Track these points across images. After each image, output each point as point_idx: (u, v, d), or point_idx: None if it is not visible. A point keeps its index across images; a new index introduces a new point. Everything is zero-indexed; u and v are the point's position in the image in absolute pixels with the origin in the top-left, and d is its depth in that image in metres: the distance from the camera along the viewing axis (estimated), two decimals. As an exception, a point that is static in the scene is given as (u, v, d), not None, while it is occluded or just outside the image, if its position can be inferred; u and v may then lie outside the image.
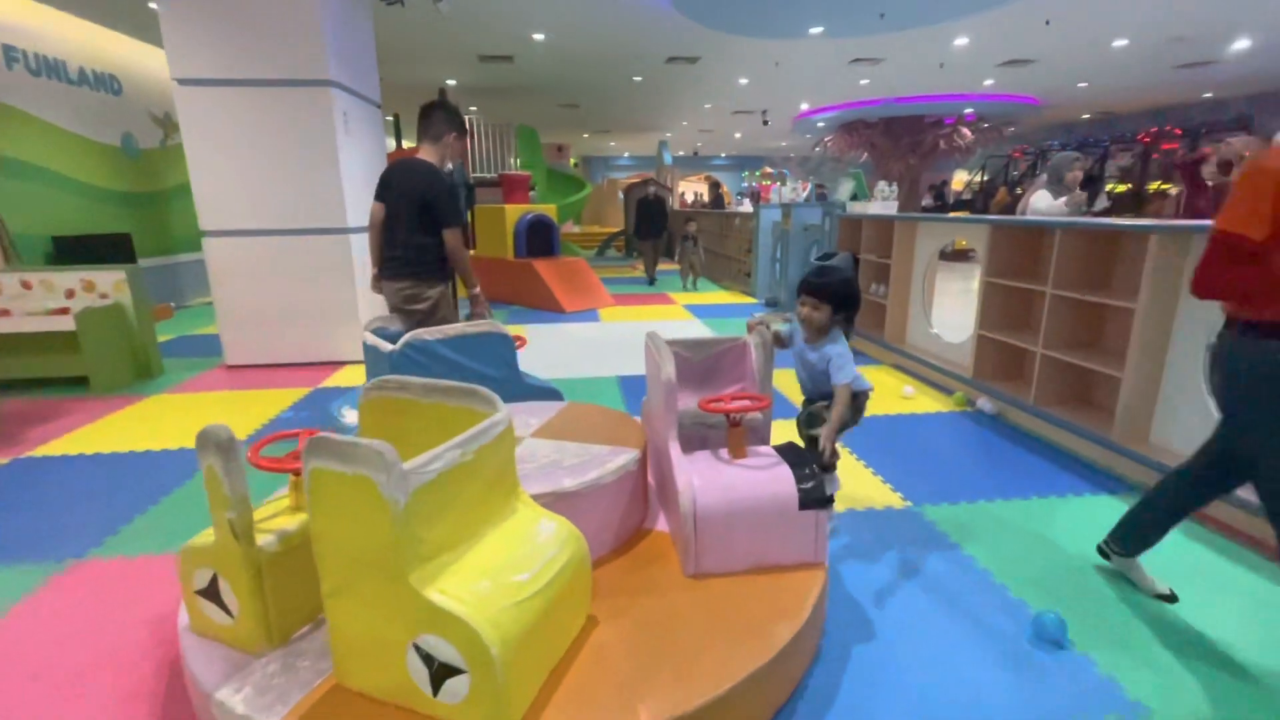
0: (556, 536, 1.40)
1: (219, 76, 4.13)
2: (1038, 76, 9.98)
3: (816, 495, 1.64)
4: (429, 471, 1.18)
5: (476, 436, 1.31)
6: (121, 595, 1.91)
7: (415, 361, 2.32)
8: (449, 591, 1.15)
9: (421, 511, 1.16)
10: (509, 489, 1.46)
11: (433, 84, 9.42)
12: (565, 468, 1.73)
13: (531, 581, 1.26)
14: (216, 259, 4.41)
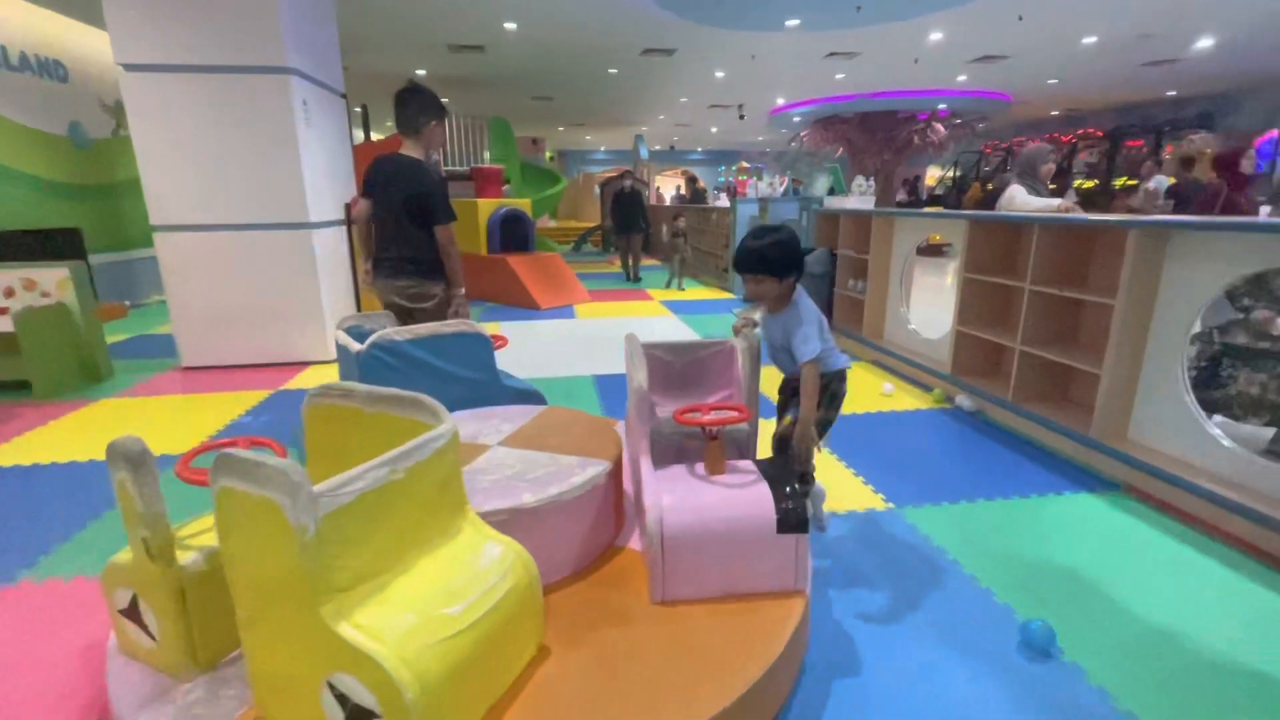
0: (500, 562, 1.27)
1: (168, 62, 3.91)
2: (1009, 73, 10.08)
3: (797, 518, 1.50)
4: (347, 493, 1.07)
5: (410, 453, 1.19)
6: (51, 623, 1.76)
7: (384, 363, 2.19)
8: (365, 627, 1.03)
9: (338, 537, 1.05)
10: (452, 508, 1.33)
11: (401, 74, 9.14)
12: (528, 480, 1.61)
13: (464, 614, 1.13)
14: (169, 255, 4.19)
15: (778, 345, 1.91)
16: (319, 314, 4.44)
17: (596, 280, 8.87)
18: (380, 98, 11.90)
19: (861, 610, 1.79)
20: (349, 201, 4.86)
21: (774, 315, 1.89)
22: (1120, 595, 1.87)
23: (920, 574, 1.97)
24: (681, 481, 1.61)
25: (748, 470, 1.66)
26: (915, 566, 2.01)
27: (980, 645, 1.66)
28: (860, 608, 1.81)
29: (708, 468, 1.66)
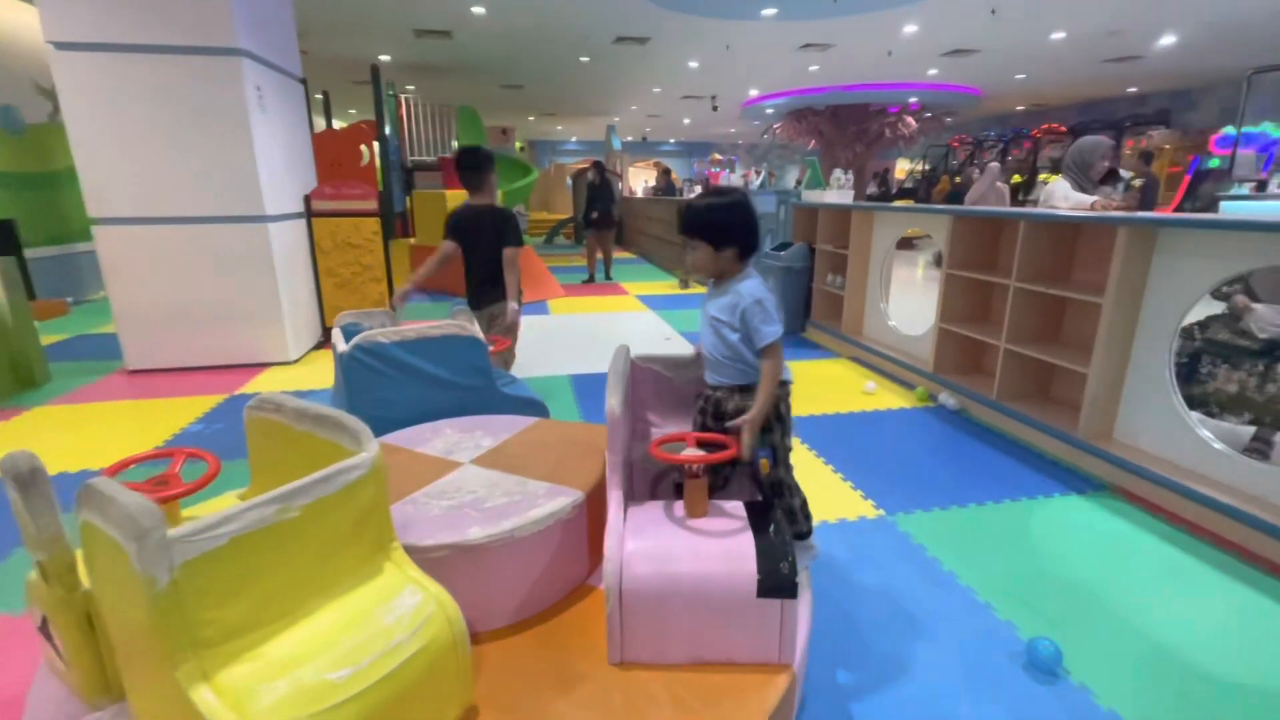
0: (415, 614, 1.09)
1: (105, 40, 3.60)
2: (979, 67, 10.17)
3: (782, 580, 1.24)
4: (214, 537, 0.93)
5: (309, 488, 1.05)
6: (-35, 671, 1.56)
7: (367, 366, 2.02)
8: (227, 692, 0.90)
9: (201, 588, 0.92)
10: (372, 545, 1.17)
11: (364, 59, 8.79)
12: (484, 510, 1.44)
13: (352, 680, 0.97)
14: (110, 250, 3.89)
15: (720, 321, 1.55)
16: (277, 312, 4.19)
17: (571, 274, 8.68)
18: (342, 84, 11.48)
19: (860, 631, 1.71)
20: (309, 194, 4.61)
21: (717, 285, 1.59)
22: (1120, 607, 1.82)
23: (917, 589, 1.89)
24: (653, 524, 1.37)
25: (734, 515, 1.40)
26: (912, 581, 1.93)
27: (985, 667, 1.58)
28: (858, 628, 1.72)
29: (687, 509, 1.40)
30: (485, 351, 2.18)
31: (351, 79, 10.69)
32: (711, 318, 1.56)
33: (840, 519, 2.29)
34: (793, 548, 1.30)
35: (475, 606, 1.37)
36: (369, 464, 1.13)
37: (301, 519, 1.04)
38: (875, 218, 4.40)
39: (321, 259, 4.70)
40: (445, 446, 1.80)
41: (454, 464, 1.68)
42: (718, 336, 1.55)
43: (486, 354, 2.19)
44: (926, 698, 1.48)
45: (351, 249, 4.76)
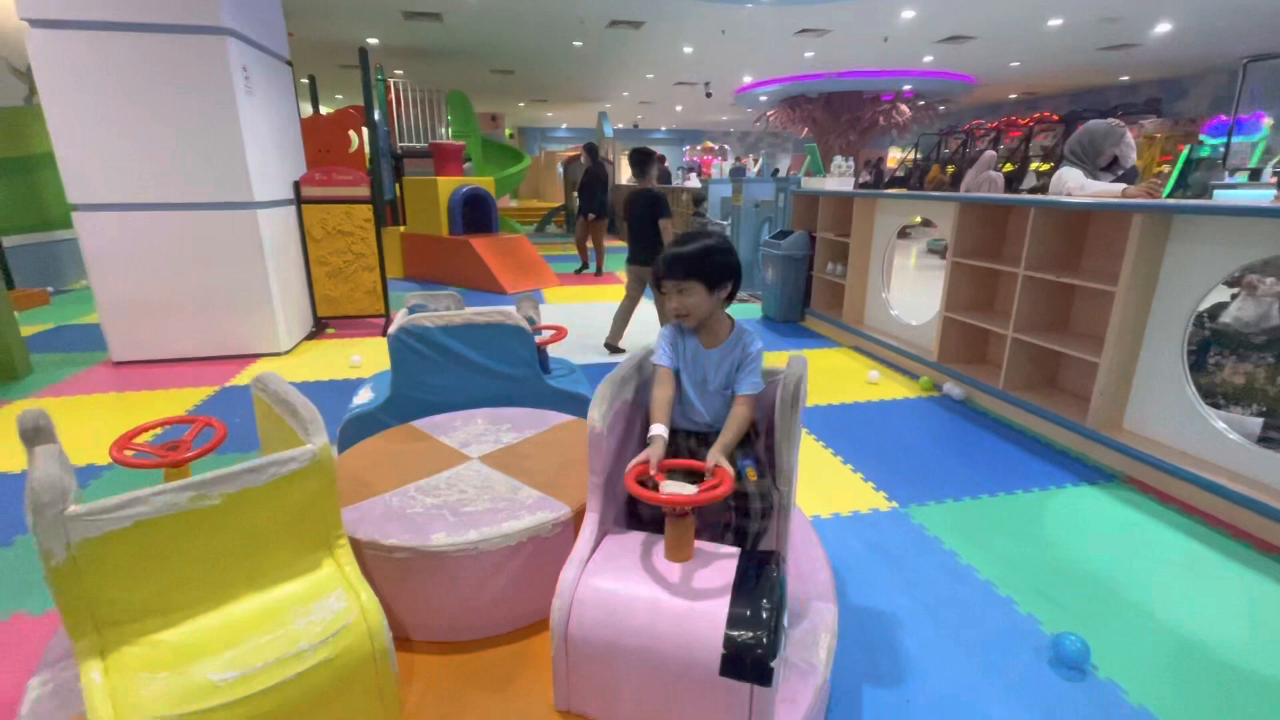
0: (331, 622, 1.03)
1: (84, 17, 3.45)
2: (974, 54, 10.11)
3: (752, 659, 1.01)
4: (118, 518, 0.94)
5: (235, 476, 1.03)
6: (-51, 680, 1.48)
7: (412, 349, 2.01)
8: (109, 674, 0.91)
9: (101, 568, 0.94)
10: (312, 541, 1.14)
11: (351, 42, 8.57)
12: (459, 514, 1.37)
13: (237, 684, 0.92)
14: (92, 238, 3.75)
15: (712, 386, 1.44)
16: (268, 302, 4.08)
17: (563, 263, 8.57)
18: (329, 68, 11.21)
19: (882, 629, 1.67)
20: (298, 180, 4.48)
21: (709, 349, 1.44)
22: (1141, 600, 1.79)
23: (937, 583, 1.86)
24: (622, 562, 1.19)
25: (722, 566, 1.16)
26: (931, 575, 1.90)
27: (1008, 664, 1.55)
28: (880, 626, 1.68)
29: (668, 551, 1.19)
30: (531, 341, 2.11)
31: (338, 63, 10.44)
32: (706, 376, 1.44)
33: (853, 511, 2.25)
34: (780, 620, 1.07)
35: (429, 615, 1.34)
36: (309, 458, 1.09)
37: (222, 508, 1.02)
38: (877, 205, 4.35)
39: (312, 247, 4.58)
40: (465, 438, 1.75)
41: (463, 458, 1.62)
42: (723, 403, 1.44)
43: (532, 344, 2.12)
44: (953, 695, 1.45)
45: (343, 236, 4.64)
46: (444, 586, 1.30)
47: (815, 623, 1.34)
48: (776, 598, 1.09)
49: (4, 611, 1.71)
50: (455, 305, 2.30)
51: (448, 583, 1.29)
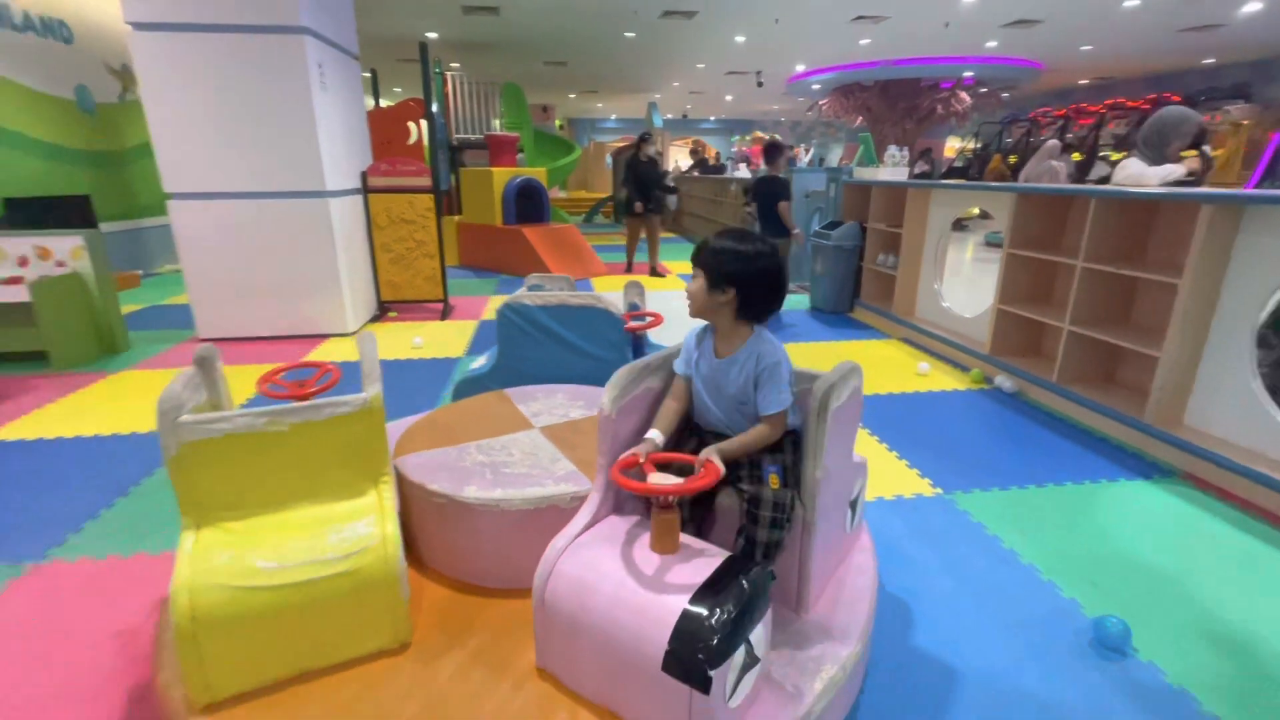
0: (356, 542, 1.24)
1: (179, 20, 3.74)
2: (1042, 38, 9.69)
3: (691, 663, 0.98)
4: (211, 429, 1.22)
5: (300, 410, 1.27)
6: (86, 605, 1.71)
7: (514, 324, 2.21)
8: (197, 544, 1.19)
9: (200, 463, 1.22)
10: (361, 472, 1.36)
11: (411, 37, 8.88)
12: (498, 474, 1.51)
13: (275, 573, 1.17)
14: (183, 224, 4.08)
15: (726, 395, 1.38)
16: (337, 286, 4.34)
17: (611, 253, 8.71)
18: (389, 61, 11.62)
19: (924, 607, 1.72)
20: (365, 170, 4.73)
21: (721, 358, 1.37)
22: (1191, 590, 1.79)
23: (979, 566, 1.89)
24: (608, 543, 1.22)
25: (700, 565, 1.14)
26: (973, 558, 1.93)
27: (1051, 643, 1.58)
28: (922, 604, 1.73)
29: (653, 543, 1.19)
30: (619, 326, 2.23)
31: (397, 57, 10.81)
32: (717, 380, 1.38)
33: (897, 495, 2.29)
34: (736, 631, 1.02)
35: (455, 557, 1.52)
36: (360, 404, 1.31)
37: (289, 434, 1.27)
38: (931, 196, 4.29)
39: (377, 234, 4.83)
40: (540, 408, 1.90)
41: (526, 425, 1.76)
42: (740, 415, 1.38)
43: (621, 328, 2.23)
44: (993, 672, 1.49)
45: (406, 225, 4.87)
46: (468, 534, 1.46)
47: (825, 652, 1.24)
48: (742, 606, 1.04)
49: (127, 550, 1.95)
50: (568, 288, 2.44)
51: (472, 531, 1.45)
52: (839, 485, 1.41)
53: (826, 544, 1.39)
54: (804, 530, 1.31)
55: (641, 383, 1.39)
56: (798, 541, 1.32)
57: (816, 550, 1.32)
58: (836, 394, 1.28)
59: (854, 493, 1.55)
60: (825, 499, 1.32)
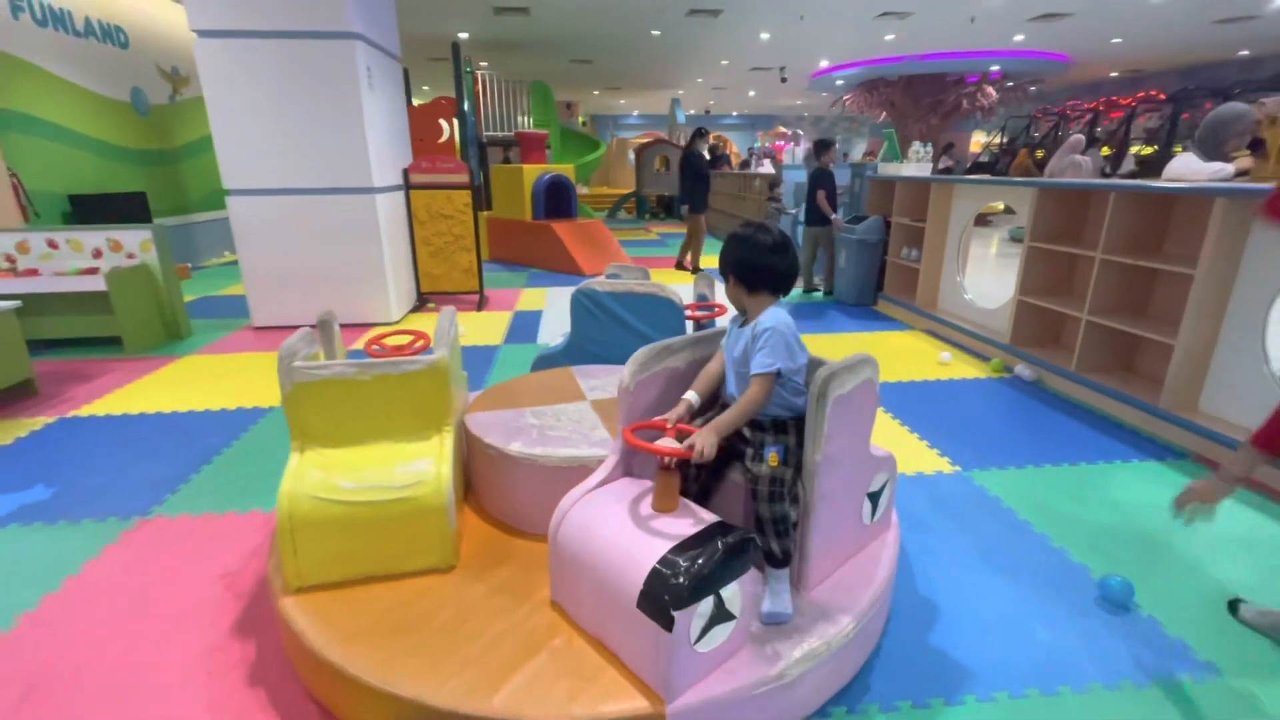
0: (415, 476, 1.52)
1: (239, 27, 4.00)
2: (1071, 32, 9.62)
3: (656, 603, 1.12)
4: (314, 374, 1.52)
5: (380, 366, 1.56)
6: (192, 551, 1.94)
7: (584, 308, 2.42)
8: (301, 462, 1.52)
9: (306, 400, 1.53)
10: (427, 420, 1.64)
11: (443, 37, 9.13)
12: (546, 436, 1.73)
13: (352, 493, 1.48)
14: (241, 219, 4.35)
15: (734, 361, 1.50)
16: (381, 277, 4.58)
17: (635, 247, 8.89)
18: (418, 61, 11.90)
19: (939, 565, 1.88)
20: (406, 168, 4.96)
21: (740, 327, 1.50)
22: (1193, 558, 1.91)
23: (993, 534, 2.04)
24: (615, 499, 1.38)
25: (692, 524, 1.28)
26: (987, 526, 2.08)
27: (1057, 600, 1.73)
28: (937, 563, 1.89)
29: (654, 501, 1.35)
30: (681, 314, 2.38)
31: (427, 56, 11.07)
32: (735, 361, 1.49)
33: (918, 473, 2.44)
34: (704, 583, 1.15)
35: (501, 500, 1.78)
36: (424, 364, 1.59)
37: (371, 383, 1.57)
38: (955, 190, 4.39)
39: (418, 229, 5.07)
40: (597, 385, 2.10)
41: (580, 398, 1.96)
42: (745, 382, 1.45)
43: (682, 316, 2.39)
44: (1003, 622, 1.65)
45: (444, 219, 5.10)
46: (511, 482, 1.71)
47: (814, 628, 1.33)
48: (714, 564, 1.16)
49: (219, 509, 2.18)
50: (643, 278, 2.60)
51: (514, 480, 1.70)
52: (850, 474, 1.48)
53: (832, 529, 1.46)
54: (803, 512, 1.40)
55: (661, 362, 1.54)
56: (802, 523, 1.41)
57: (816, 532, 1.40)
58: (839, 381, 1.35)
59: (874, 486, 1.59)
60: (829, 484, 1.40)
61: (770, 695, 1.23)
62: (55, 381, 3.42)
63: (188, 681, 1.44)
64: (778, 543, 1.36)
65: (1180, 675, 1.47)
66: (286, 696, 1.40)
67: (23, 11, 5.35)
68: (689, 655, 1.15)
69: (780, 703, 1.25)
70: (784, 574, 1.39)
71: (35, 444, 2.68)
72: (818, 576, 1.47)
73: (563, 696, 1.17)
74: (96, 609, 1.69)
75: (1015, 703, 1.40)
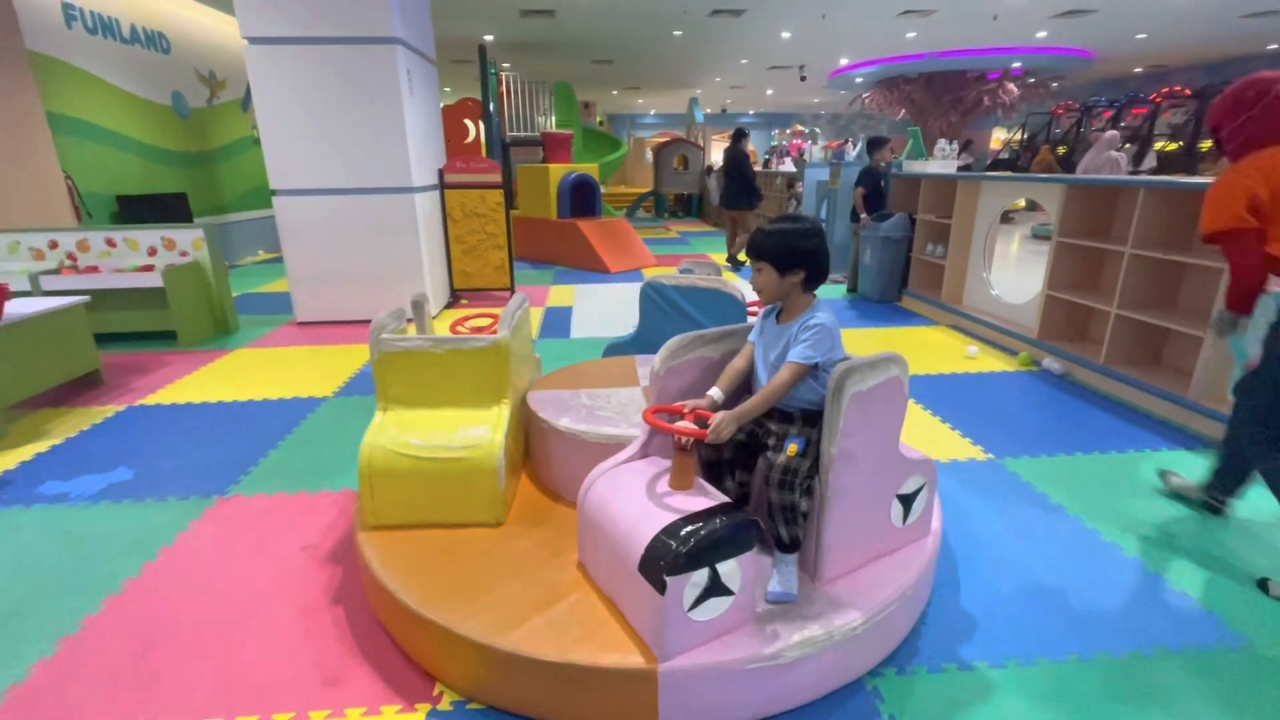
0: (472, 440, 1.74)
1: (288, 34, 4.16)
2: (1095, 27, 9.57)
3: (652, 567, 1.22)
4: (397, 346, 1.78)
5: (452, 342, 1.79)
6: (272, 526, 2.08)
7: (651, 300, 2.56)
8: (383, 419, 1.80)
9: (389, 368, 1.80)
10: (490, 392, 1.85)
11: (470, 40, 9.31)
12: (593, 415, 1.90)
13: (420, 449, 1.72)
14: (287, 218, 4.52)
15: (769, 361, 1.51)
16: (419, 274, 4.73)
17: (656, 245, 8.99)
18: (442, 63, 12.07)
19: (975, 540, 1.97)
20: (442, 168, 5.11)
21: (779, 324, 1.52)
22: (1224, 540, 1.98)
23: (1026, 515, 2.12)
24: (638, 473, 1.50)
25: (702, 502, 1.36)
26: (1022, 509, 2.16)
27: (1092, 575, 1.81)
28: (973, 538, 1.98)
29: (671, 480, 1.44)
30: (742, 309, 2.46)
31: (450, 58, 11.25)
32: (772, 365, 1.50)
33: (951, 459, 2.53)
34: (698, 555, 1.23)
35: (550, 469, 1.95)
36: (488, 343, 1.81)
37: (444, 356, 1.80)
38: (981, 187, 4.45)
39: (452, 226, 5.22)
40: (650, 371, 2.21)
41: (634, 383, 2.08)
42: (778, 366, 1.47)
43: (743, 310, 2.48)
44: (1040, 594, 1.74)
45: (478, 218, 5.25)
46: (559, 454, 1.89)
47: (820, 616, 1.36)
48: (712, 539, 1.24)
49: (291, 489, 2.33)
50: (714, 273, 2.70)
51: (561, 452, 1.88)
52: (872, 473, 1.48)
53: (852, 525, 1.48)
54: (819, 505, 1.43)
55: (694, 351, 1.61)
56: (816, 513, 1.46)
57: (832, 526, 1.43)
58: (859, 377, 1.37)
59: (905, 488, 1.57)
60: (847, 480, 1.42)
61: (763, 673, 1.28)
62: (118, 372, 3.60)
63: (287, 639, 1.58)
64: (785, 529, 1.42)
65: (1213, 644, 1.55)
66: (379, 655, 1.53)
67: (75, 20, 5.58)
68: (683, 620, 1.24)
69: (775, 682, 1.30)
70: (792, 558, 1.45)
71: (110, 429, 2.85)
72: (836, 570, 1.49)
73: (568, 642, 1.30)
74: (193, 575, 1.83)
75: (1054, 665, 1.49)
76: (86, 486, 2.35)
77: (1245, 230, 1.76)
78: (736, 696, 1.29)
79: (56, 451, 2.64)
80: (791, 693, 1.34)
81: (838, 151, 7.95)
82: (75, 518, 2.15)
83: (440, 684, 1.44)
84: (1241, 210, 1.75)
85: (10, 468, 2.49)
